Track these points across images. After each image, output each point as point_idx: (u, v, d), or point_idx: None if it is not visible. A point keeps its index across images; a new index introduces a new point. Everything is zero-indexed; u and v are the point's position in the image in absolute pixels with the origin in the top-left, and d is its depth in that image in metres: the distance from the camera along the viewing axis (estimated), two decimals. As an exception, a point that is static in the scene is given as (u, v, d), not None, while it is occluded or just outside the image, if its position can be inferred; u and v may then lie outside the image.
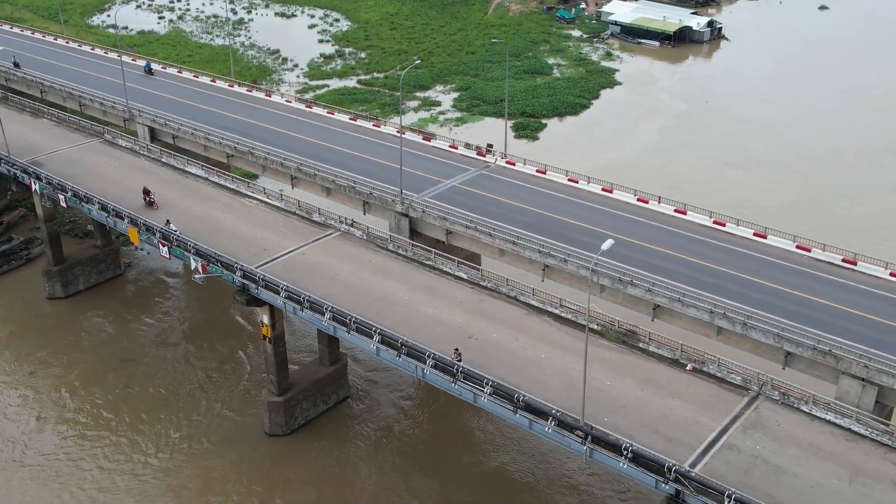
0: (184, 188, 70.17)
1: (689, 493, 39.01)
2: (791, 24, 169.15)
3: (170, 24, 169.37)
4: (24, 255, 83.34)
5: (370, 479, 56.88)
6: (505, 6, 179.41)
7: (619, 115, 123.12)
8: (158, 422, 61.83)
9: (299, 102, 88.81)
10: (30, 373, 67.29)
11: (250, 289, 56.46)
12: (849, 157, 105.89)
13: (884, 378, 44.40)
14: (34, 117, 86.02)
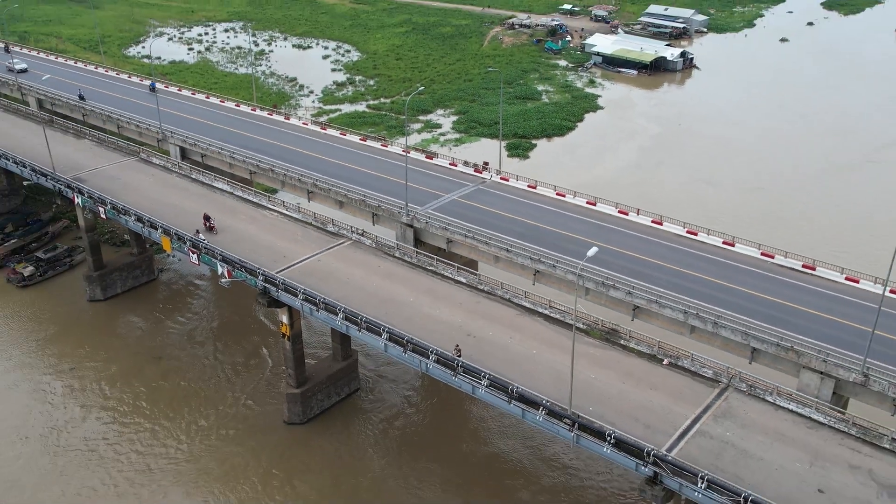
0: (211, 202, 70.04)
1: (666, 475, 39.09)
2: (755, 56, 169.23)
3: (198, 54, 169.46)
4: (68, 262, 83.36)
5: (377, 464, 56.97)
6: (499, 39, 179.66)
7: (602, 136, 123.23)
8: (188, 412, 62.09)
9: (315, 125, 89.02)
10: (71, 368, 67.39)
11: (271, 292, 56.50)
12: (807, 174, 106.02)
13: (840, 371, 44.52)
14: (77, 138, 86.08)
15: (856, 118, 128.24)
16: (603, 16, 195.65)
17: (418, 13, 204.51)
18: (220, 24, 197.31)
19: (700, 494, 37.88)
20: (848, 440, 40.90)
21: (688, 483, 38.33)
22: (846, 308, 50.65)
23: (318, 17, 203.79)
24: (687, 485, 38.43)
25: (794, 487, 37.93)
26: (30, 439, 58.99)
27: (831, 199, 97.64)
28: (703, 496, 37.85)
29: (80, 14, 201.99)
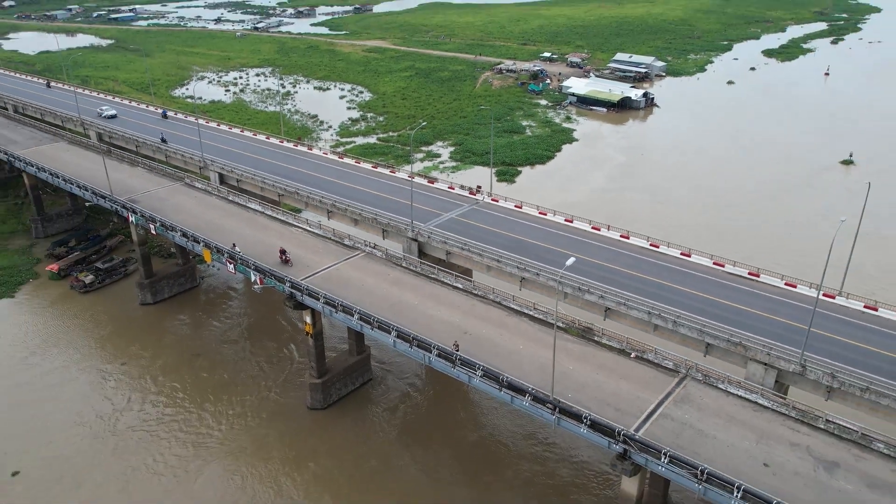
0: (244, 219, 70.19)
1: (635, 452, 39.05)
2: (706, 95, 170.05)
3: (233, 95, 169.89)
4: (123, 271, 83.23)
5: (385, 444, 56.84)
6: (489, 82, 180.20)
7: (576, 164, 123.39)
8: (224, 400, 61.87)
9: (333, 154, 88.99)
10: (122, 363, 67.09)
11: (296, 296, 56.45)
12: (751, 195, 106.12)
13: (781, 363, 44.56)
14: (131, 166, 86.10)
15: (793, 147, 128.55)
16: (577, 62, 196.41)
17: (420, 60, 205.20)
18: (252, 70, 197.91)
19: (663, 468, 37.93)
20: (788, 421, 40.95)
21: (653, 458, 38.36)
22: (787, 309, 50.70)
23: (336, 63, 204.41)
24: (652, 460, 38.44)
25: (743, 462, 37.95)
26: (87, 424, 58.79)
27: (773, 217, 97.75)
28: (665, 469, 37.91)
29: (133, 61, 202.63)
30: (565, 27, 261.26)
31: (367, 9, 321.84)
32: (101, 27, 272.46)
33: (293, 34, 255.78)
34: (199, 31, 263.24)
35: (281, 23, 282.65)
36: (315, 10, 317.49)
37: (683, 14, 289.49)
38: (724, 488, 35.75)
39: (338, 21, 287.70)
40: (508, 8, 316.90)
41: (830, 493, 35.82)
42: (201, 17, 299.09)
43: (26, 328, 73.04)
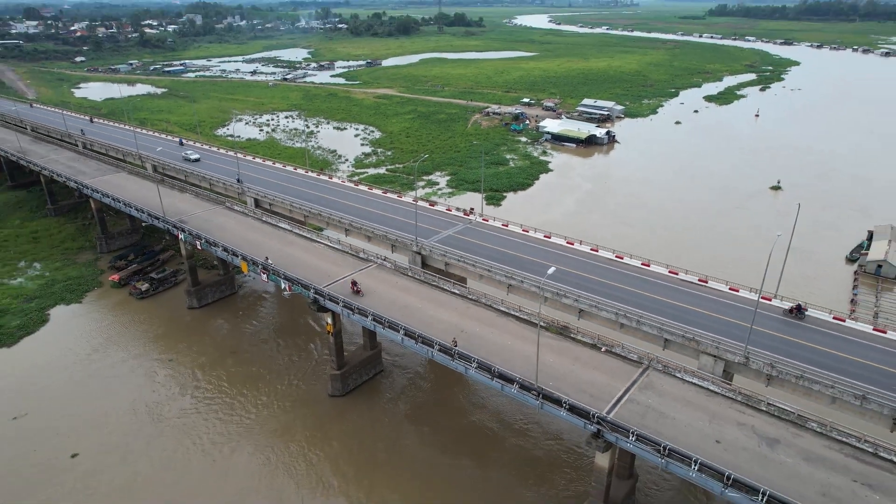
0: (276, 237, 69.38)
1: (607, 431, 38.29)
2: (658, 134, 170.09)
3: (266, 134, 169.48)
4: (173, 281, 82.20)
5: (394, 426, 55.93)
6: (478, 123, 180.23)
7: (552, 190, 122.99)
8: (256, 390, 60.74)
9: (350, 182, 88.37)
10: (170, 360, 65.81)
11: (319, 300, 55.65)
12: (696, 217, 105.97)
13: (728, 355, 44.05)
14: (181, 192, 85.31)
15: (728, 177, 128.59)
16: (551, 106, 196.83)
17: (422, 105, 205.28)
18: (282, 113, 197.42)
19: (631, 445, 37.19)
20: (735, 405, 40.34)
21: (622, 437, 37.62)
22: (731, 310, 50.22)
23: (351, 108, 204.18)
24: (622, 438, 37.71)
25: (699, 439, 37.30)
26: (140, 411, 57.69)
27: (715, 234, 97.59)
28: (633, 446, 37.17)
29: (182, 106, 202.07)
30: (541, 78, 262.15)
31: (377, 63, 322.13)
32: (157, 78, 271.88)
33: (316, 84, 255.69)
34: (238, 82, 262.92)
35: (306, 74, 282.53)
36: (334, 64, 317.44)
37: (638, 67, 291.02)
38: (684, 462, 35.05)
39: (353, 73, 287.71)
40: (493, 62, 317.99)
41: (773, 466, 35.15)
42: (239, 70, 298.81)
43: (91, 329, 71.94)
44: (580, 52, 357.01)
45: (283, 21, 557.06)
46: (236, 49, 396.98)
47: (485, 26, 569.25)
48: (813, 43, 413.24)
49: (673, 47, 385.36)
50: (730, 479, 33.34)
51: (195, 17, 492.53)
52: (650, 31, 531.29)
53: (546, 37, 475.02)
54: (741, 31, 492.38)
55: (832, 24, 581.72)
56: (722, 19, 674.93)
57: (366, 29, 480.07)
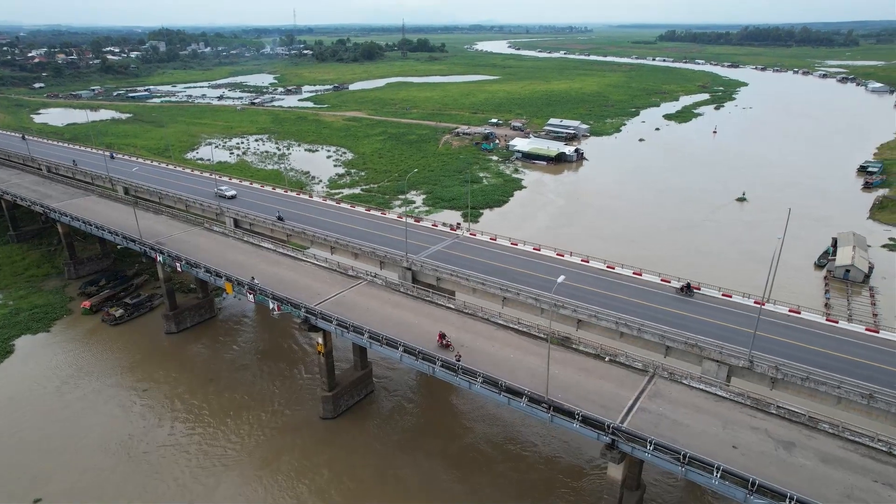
0: (259, 257, 66.32)
1: (622, 441, 36.76)
2: (623, 151, 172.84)
3: (237, 157, 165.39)
4: (149, 306, 77.96)
5: (388, 447, 53.10)
6: (449, 143, 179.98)
7: (526, 206, 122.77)
8: (240, 418, 56.94)
9: (331, 200, 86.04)
10: (144, 390, 61.06)
11: (311, 320, 52.98)
12: (665, 229, 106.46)
13: (732, 360, 43.23)
14: (156, 214, 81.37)
15: (695, 191, 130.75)
16: (519, 126, 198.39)
17: (391, 127, 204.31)
18: (252, 136, 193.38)
19: (649, 454, 35.70)
20: (745, 409, 39.38)
21: (638, 446, 36.14)
22: (725, 315, 49.70)
23: (321, 130, 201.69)
24: (638, 447, 36.21)
25: (715, 446, 36.06)
26: (113, 447, 52.89)
27: (683, 245, 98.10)
28: (651, 456, 35.68)
29: (150, 131, 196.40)
30: (506, 99, 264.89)
31: (343, 87, 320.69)
32: (121, 104, 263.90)
33: (284, 108, 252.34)
34: (205, 106, 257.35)
35: (273, 98, 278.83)
36: (301, 89, 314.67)
37: (598, 88, 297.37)
38: (705, 469, 33.70)
39: (320, 97, 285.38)
40: (459, 86, 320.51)
41: (792, 469, 34.10)
42: (206, 95, 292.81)
43: (60, 359, 67.04)
44: (541, 76, 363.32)
45: (247, 48, 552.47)
46: (201, 75, 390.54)
47: (447, 52, 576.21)
48: (757, 66, 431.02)
49: (629, 70, 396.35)
50: (755, 486, 32.09)
51: (158, 43, 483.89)
52: (605, 55, 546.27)
53: (507, 61, 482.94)
54: (691, 55, 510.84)
55: (771, 48, 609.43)
56: (671, 44, 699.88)
57: (331, 55, 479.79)
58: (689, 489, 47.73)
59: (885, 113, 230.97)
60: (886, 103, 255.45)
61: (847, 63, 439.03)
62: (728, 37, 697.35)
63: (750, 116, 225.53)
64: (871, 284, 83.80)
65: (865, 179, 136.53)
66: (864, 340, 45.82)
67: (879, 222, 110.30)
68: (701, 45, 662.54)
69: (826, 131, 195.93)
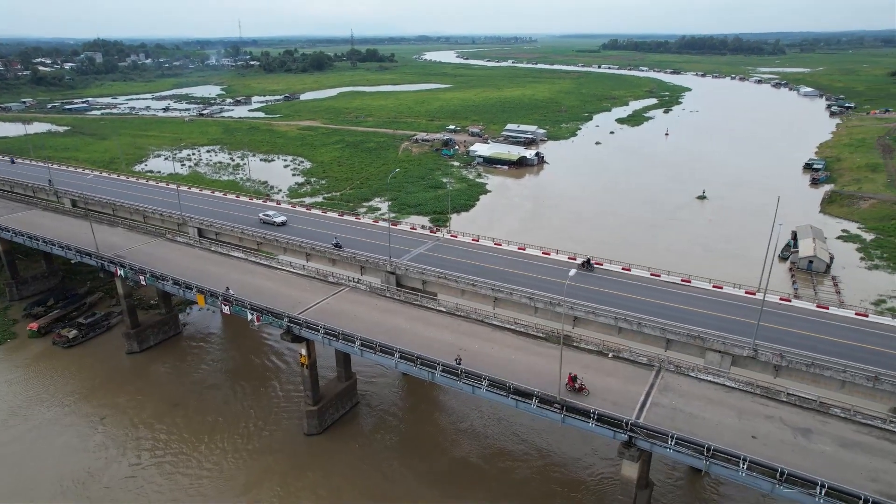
0: (230, 266, 62.46)
1: (640, 438, 35.46)
2: (581, 154, 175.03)
3: (189, 168, 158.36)
4: (106, 325, 72.41)
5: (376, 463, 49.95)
6: (408, 149, 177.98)
7: (493, 210, 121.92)
8: (213, 443, 52.43)
9: (301, 206, 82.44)
10: (102, 418, 55.61)
11: (294, 330, 49.78)
12: (629, 230, 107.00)
13: (736, 350, 42.78)
14: (111, 226, 75.86)
15: (655, 191, 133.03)
16: (477, 132, 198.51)
17: (348, 135, 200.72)
18: (203, 147, 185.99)
19: (671, 450, 34.50)
20: (756, 398, 38.85)
21: (658, 442, 34.90)
22: (720, 308, 49.43)
23: (276, 140, 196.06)
24: (658, 443, 34.98)
25: (734, 437, 35.25)
26: (70, 485, 47.63)
27: (650, 243, 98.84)
28: (673, 451, 34.50)
29: (91, 143, 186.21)
30: (460, 106, 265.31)
31: (295, 97, 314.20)
32: (57, 116, 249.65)
33: (235, 118, 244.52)
34: (151, 118, 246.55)
35: (222, 109, 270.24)
36: (251, 99, 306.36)
37: (550, 95, 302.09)
38: (729, 461, 32.72)
39: (271, 107, 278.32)
40: (412, 94, 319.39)
41: (814, 456, 33.57)
42: (150, 107, 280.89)
43: (6, 388, 60.82)
44: (493, 83, 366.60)
45: (191, 59, 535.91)
46: (144, 87, 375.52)
47: (397, 61, 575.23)
48: (697, 72, 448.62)
49: (578, 77, 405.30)
50: (783, 475, 31.27)
51: (94, 54, 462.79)
52: (552, 63, 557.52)
53: (458, 70, 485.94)
54: (635, 62, 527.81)
55: (708, 56, 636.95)
56: (615, 52, 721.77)
57: (279, 65, 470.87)
58: (691, 487, 47.03)
59: (819, 115, 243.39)
60: (818, 106, 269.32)
61: (777, 70, 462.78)
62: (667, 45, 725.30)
63: (698, 119, 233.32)
64: (833, 274, 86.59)
65: (812, 176, 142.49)
66: (856, 325, 46.32)
67: (831, 216, 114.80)
68: (643, 54, 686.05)
69: (769, 132, 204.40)
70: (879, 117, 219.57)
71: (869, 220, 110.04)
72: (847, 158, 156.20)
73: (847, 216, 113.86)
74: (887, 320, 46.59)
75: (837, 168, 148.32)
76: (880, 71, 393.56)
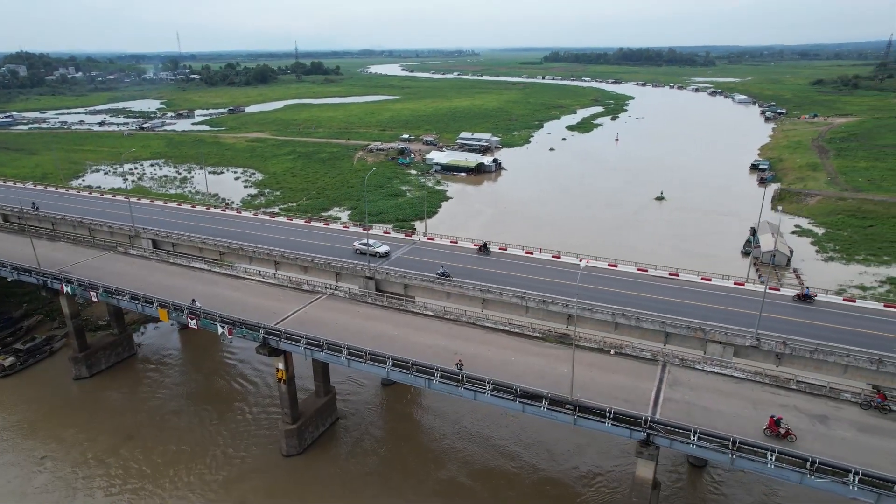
0: (193, 278, 57.58)
1: (660, 435, 33.63)
2: (536, 160, 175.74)
3: (132, 182, 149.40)
4: (47, 350, 65.57)
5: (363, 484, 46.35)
6: (364, 159, 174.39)
7: (455, 217, 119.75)
8: (182, 472, 47.45)
9: (264, 214, 77.92)
10: (42, 457, 49.42)
11: (270, 342, 45.77)
12: (593, 232, 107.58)
13: (738, 340, 41.90)
14: (52, 241, 69.10)
15: (613, 193, 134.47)
16: (431, 140, 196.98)
17: (299, 146, 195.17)
18: (146, 161, 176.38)
19: (693, 446, 32.81)
20: (767, 388, 37.87)
21: (679, 438, 33.16)
22: (710, 301, 48.77)
23: (224, 152, 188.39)
24: (678, 439, 33.23)
25: (755, 427, 33.91)
26: None
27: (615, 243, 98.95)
28: (696, 447, 32.83)
29: (18, 158, 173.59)
30: (411, 116, 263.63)
31: (239, 109, 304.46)
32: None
33: (178, 131, 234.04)
34: (85, 132, 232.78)
35: (164, 123, 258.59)
36: (194, 112, 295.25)
37: (499, 104, 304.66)
38: (756, 454, 31.27)
39: (216, 120, 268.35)
40: (361, 105, 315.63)
41: (837, 443, 32.65)
42: (84, 122, 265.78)
43: (-69, 427, 53.76)
44: (441, 94, 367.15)
45: (127, 73, 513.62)
46: (75, 101, 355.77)
47: (343, 74, 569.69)
48: (638, 81, 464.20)
49: (524, 87, 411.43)
50: (814, 465, 30.04)
51: (17, 67, 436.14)
52: (497, 75, 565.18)
53: (405, 82, 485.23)
54: (577, 73, 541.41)
55: (645, 67, 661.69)
56: (557, 64, 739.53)
57: (221, 79, 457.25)
58: (693, 484, 45.75)
59: (755, 120, 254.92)
60: (753, 112, 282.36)
61: (710, 79, 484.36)
62: (607, 57, 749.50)
63: (644, 125, 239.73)
64: (794, 266, 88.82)
65: (759, 176, 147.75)
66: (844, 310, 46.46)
67: (783, 213, 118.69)
68: (584, 65, 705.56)
69: (712, 136, 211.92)
70: (809, 121, 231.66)
71: (818, 216, 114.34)
72: (788, 159, 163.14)
73: (797, 212, 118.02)
74: (874, 304, 46.96)
75: (781, 168, 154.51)
76: (802, 81, 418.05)
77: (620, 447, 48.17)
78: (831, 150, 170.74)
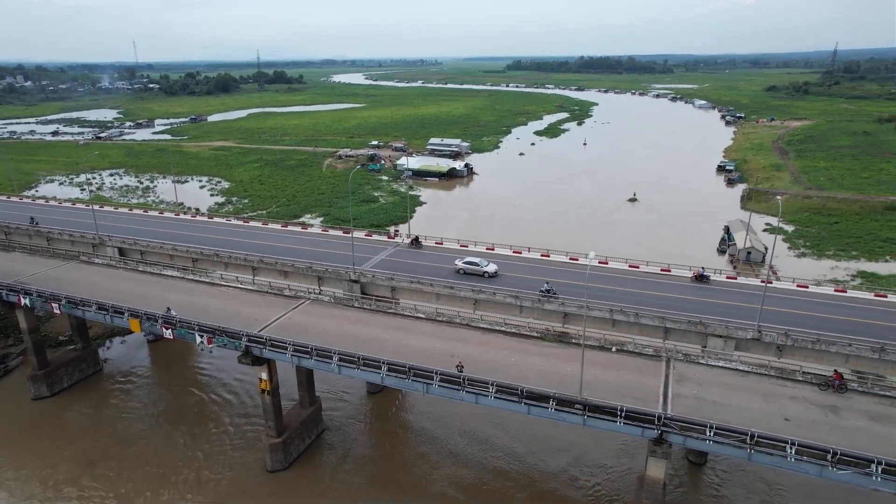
0: (165, 286, 54.13)
1: (674, 432, 32.40)
2: (507, 164, 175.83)
3: (91, 193, 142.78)
4: (2, 368, 60.84)
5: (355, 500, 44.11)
6: (333, 166, 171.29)
7: (431, 222, 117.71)
8: (153, 499, 43.67)
9: (238, 220, 74.68)
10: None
11: (254, 350, 43.00)
12: (571, 234, 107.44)
13: (739, 333, 41.20)
14: (6, 251, 64.46)
15: (585, 196, 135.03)
16: (400, 146, 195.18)
17: (266, 154, 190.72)
18: (105, 171, 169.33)
19: (710, 442, 31.65)
20: (773, 380, 37.14)
21: (694, 434, 31.98)
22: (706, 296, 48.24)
23: (187, 161, 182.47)
24: (693, 436, 32.05)
25: (768, 420, 33.04)
26: None
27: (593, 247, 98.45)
28: (712, 443, 31.67)
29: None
30: (379, 123, 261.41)
31: (202, 118, 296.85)
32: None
33: (138, 141, 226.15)
34: (38, 142, 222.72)
35: (122, 133, 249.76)
36: (153, 122, 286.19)
37: (465, 111, 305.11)
38: (775, 448, 30.29)
39: (177, 129, 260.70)
40: (326, 113, 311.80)
41: (851, 432, 31.97)
42: (35, 132, 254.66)
43: None
44: (407, 102, 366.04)
45: (80, 82, 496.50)
46: (24, 111, 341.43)
47: (306, 83, 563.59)
48: (600, 88, 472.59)
49: (489, 95, 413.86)
50: (836, 456, 29.20)
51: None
52: (462, 83, 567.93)
53: (369, 90, 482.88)
54: (541, 81, 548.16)
55: (606, 74, 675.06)
56: (520, 72, 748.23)
57: (181, 88, 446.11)
58: (693, 483, 44.80)
59: (716, 124, 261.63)
60: (713, 116, 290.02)
61: (669, 86, 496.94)
62: (568, 65, 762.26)
63: (610, 130, 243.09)
64: (771, 263, 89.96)
65: (727, 177, 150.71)
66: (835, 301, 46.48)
67: (753, 211, 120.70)
68: (546, 73, 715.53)
69: (677, 140, 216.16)
70: (767, 125, 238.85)
71: (786, 214, 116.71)
72: (752, 160, 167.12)
73: (766, 211, 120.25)
74: (863, 294, 47.12)
75: (746, 169, 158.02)
76: (756, 87, 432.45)
77: (621, 447, 46.96)
78: (791, 151, 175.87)
